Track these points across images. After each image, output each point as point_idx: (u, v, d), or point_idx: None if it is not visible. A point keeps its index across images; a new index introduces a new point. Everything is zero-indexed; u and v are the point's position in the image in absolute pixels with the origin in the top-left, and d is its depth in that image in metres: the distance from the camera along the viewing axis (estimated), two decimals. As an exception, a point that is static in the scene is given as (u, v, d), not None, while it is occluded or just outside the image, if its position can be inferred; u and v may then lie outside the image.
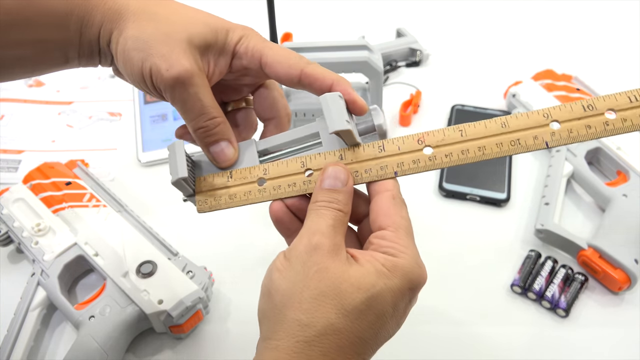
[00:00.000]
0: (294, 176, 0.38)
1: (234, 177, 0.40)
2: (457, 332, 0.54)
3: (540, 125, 0.36)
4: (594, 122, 0.36)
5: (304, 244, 0.34)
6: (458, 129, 0.37)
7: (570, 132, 0.36)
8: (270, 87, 0.42)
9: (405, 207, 0.37)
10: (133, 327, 0.51)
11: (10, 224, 0.58)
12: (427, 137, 0.37)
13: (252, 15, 0.92)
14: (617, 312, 0.55)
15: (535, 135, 0.36)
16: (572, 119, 0.36)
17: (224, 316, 0.56)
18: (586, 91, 0.71)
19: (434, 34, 0.88)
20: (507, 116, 0.37)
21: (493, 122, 0.37)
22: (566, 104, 0.36)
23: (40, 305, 0.53)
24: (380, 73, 0.62)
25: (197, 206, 0.40)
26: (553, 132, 0.36)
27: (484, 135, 0.36)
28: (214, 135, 0.38)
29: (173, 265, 0.54)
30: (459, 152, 0.37)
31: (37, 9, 0.35)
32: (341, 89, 0.38)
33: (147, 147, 0.71)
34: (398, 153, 0.38)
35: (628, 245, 0.56)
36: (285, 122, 0.43)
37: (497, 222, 0.63)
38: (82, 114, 0.77)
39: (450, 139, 0.37)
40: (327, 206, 0.35)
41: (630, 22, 0.90)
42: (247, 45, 0.38)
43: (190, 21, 0.37)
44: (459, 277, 0.58)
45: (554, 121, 0.36)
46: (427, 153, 0.37)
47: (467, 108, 0.75)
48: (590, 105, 0.36)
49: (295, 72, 0.38)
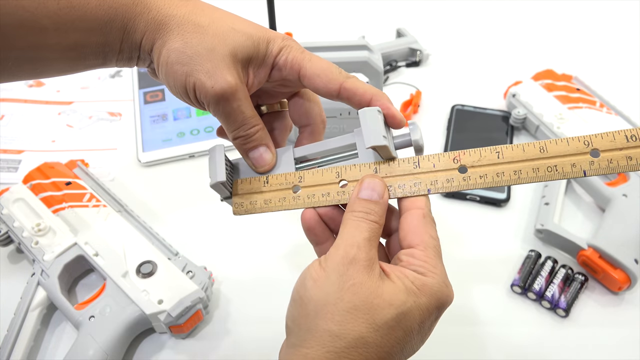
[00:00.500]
0: (329, 186, 0.39)
1: (270, 182, 0.40)
2: (457, 332, 0.54)
3: (580, 153, 0.35)
4: (636, 153, 0.34)
5: (340, 255, 0.34)
6: (495, 150, 0.36)
7: (610, 162, 0.35)
8: (306, 96, 0.43)
9: (435, 226, 0.37)
10: (133, 327, 0.51)
11: (10, 224, 0.58)
12: (463, 156, 0.37)
13: (253, 15, 0.92)
14: (617, 312, 0.55)
15: (573, 162, 0.35)
16: (614, 149, 0.35)
17: (224, 316, 0.56)
18: (586, 91, 0.71)
19: (434, 34, 0.88)
20: (546, 141, 0.36)
21: (531, 146, 0.36)
22: (609, 132, 0.35)
23: (40, 305, 0.53)
24: (380, 73, 0.62)
25: (234, 208, 0.41)
26: (592, 161, 0.35)
27: (521, 159, 0.36)
28: (253, 141, 0.39)
29: (173, 265, 0.54)
30: (494, 174, 0.36)
31: (79, 13, 0.35)
32: (380, 104, 0.38)
33: (147, 147, 0.71)
34: (432, 170, 0.37)
35: (628, 245, 0.56)
36: (320, 130, 0.43)
37: (497, 222, 0.63)
38: (82, 114, 0.77)
39: (487, 160, 0.36)
40: (364, 217, 0.36)
41: (630, 22, 0.90)
42: (287, 57, 0.38)
43: (232, 32, 0.37)
44: (459, 277, 0.58)
45: (595, 149, 0.35)
46: (461, 173, 0.37)
47: (467, 108, 0.75)
48: (634, 136, 0.35)
49: (335, 87, 0.38)
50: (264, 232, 0.63)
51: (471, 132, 0.72)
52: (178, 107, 0.76)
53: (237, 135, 0.39)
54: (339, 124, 0.65)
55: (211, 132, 0.73)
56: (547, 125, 0.68)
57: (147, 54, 0.37)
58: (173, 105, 0.77)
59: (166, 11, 0.37)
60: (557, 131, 0.67)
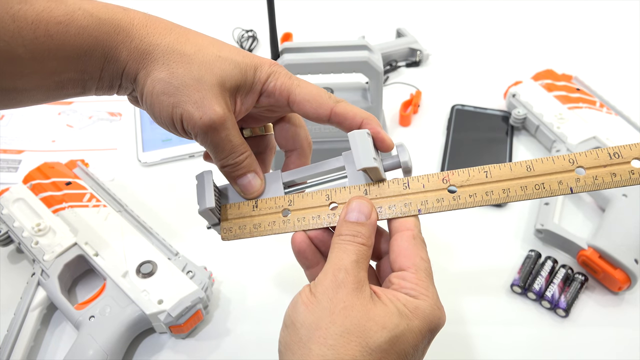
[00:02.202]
0: (319, 209, 0.39)
1: (259, 207, 0.40)
2: (457, 331, 0.54)
3: (566, 171, 0.36)
4: (620, 170, 0.36)
5: (329, 279, 0.34)
6: (483, 170, 0.38)
7: (595, 178, 0.36)
8: (292, 120, 0.43)
9: (425, 248, 0.37)
10: (133, 327, 0.51)
11: (11, 224, 0.58)
12: (452, 176, 0.38)
13: (253, 15, 0.92)
14: (617, 312, 0.55)
15: (560, 180, 0.36)
16: (598, 165, 0.36)
17: (224, 316, 0.56)
18: (586, 91, 0.71)
19: (434, 34, 0.88)
20: (533, 159, 0.37)
21: (519, 165, 0.37)
22: (592, 150, 0.37)
23: (40, 305, 0.53)
24: (380, 73, 0.62)
25: (222, 234, 0.41)
26: (578, 179, 0.36)
27: (509, 178, 0.37)
28: (241, 169, 0.39)
29: (173, 265, 0.54)
30: (483, 193, 0.37)
31: (57, 42, 0.34)
32: (370, 127, 0.38)
33: (147, 147, 0.71)
34: (422, 191, 0.38)
35: (628, 245, 0.56)
36: (307, 153, 0.43)
37: (497, 222, 0.63)
38: (82, 114, 0.77)
39: (475, 179, 0.37)
40: (351, 240, 0.36)
41: (630, 22, 0.90)
42: (276, 84, 0.38)
43: (219, 61, 0.37)
44: (459, 277, 0.58)
45: (580, 167, 0.36)
46: (451, 192, 0.38)
47: (467, 108, 0.75)
48: (617, 153, 0.36)
49: (325, 112, 0.38)
50: (264, 232, 0.63)
51: (471, 132, 0.72)
52: (178, 107, 0.76)
53: (226, 164, 0.39)
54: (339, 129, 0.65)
55: (211, 132, 0.73)
56: (547, 125, 0.68)
57: (130, 82, 0.37)
58: (173, 105, 0.77)
59: (150, 40, 0.36)
60: (557, 131, 0.67)
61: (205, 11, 0.94)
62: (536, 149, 0.70)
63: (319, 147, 0.67)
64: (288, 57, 0.61)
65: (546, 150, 0.69)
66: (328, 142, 0.67)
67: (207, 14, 0.94)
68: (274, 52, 0.61)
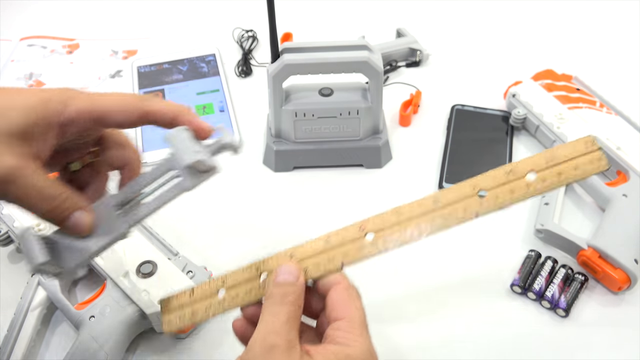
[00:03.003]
0: (250, 283, 0.40)
1: (195, 294, 0.41)
2: (456, 331, 0.54)
3: (469, 197, 0.37)
4: (516, 186, 0.37)
5: (259, 345, 0.34)
6: (395, 211, 0.39)
7: (497, 198, 0.37)
8: (111, 137, 0.41)
9: (360, 297, 0.38)
10: (133, 327, 0.51)
11: (10, 224, 0.58)
12: (368, 223, 0.39)
13: (253, 15, 0.92)
14: (617, 312, 0.55)
15: (465, 207, 0.37)
16: (497, 185, 0.37)
17: (224, 316, 0.55)
18: (586, 91, 0.71)
19: (434, 34, 0.88)
20: (440, 191, 0.38)
21: (426, 200, 0.38)
22: (490, 171, 0.38)
23: (40, 305, 0.53)
24: (380, 73, 0.62)
25: (164, 327, 0.42)
26: (481, 202, 0.37)
27: (418, 214, 0.38)
28: (63, 211, 0.37)
29: (173, 265, 0.54)
30: (399, 234, 0.38)
31: None
32: (185, 120, 0.38)
33: (147, 147, 0.71)
34: (343, 243, 0.39)
35: (628, 245, 0.56)
36: (137, 166, 0.42)
37: (497, 222, 0.63)
38: (82, 114, 0.77)
39: (389, 222, 0.38)
40: (280, 301, 0.36)
41: (630, 22, 0.90)
42: (75, 108, 0.36)
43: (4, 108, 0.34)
44: (459, 277, 0.58)
45: (482, 190, 0.37)
46: (369, 239, 0.38)
47: (467, 108, 0.75)
48: (512, 170, 0.37)
49: (134, 115, 0.37)
50: (264, 232, 0.63)
51: (471, 132, 0.72)
52: (178, 107, 0.76)
53: (43, 212, 0.36)
54: (338, 124, 0.66)
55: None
56: (547, 125, 0.68)
57: None
58: (173, 105, 0.77)
59: None
60: (557, 131, 0.67)
61: (206, 11, 0.94)
62: (536, 149, 0.70)
63: (319, 147, 0.67)
64: (288, 57, 0.61)
65: (546, 150, 0.69)
66: (328, 142, 0.67)
67: (207, 14, 0.94)
68: (274, 52, 0.61)
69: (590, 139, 0.37)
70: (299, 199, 0.66)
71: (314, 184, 0.68)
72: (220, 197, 0.66)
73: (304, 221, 0.64)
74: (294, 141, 0.67)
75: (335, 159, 0.68)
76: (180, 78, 0.81)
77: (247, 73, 0.83)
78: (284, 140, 0.68)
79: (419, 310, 0.56)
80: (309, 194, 0.67)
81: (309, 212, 0.65)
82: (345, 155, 0.68)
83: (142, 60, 0.84)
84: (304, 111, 0.64)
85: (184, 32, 0.90)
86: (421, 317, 0.55)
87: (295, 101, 0.65)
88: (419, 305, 0.57)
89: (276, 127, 0.67)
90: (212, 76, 0.81)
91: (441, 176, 0.67)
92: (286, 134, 0.67)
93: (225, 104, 0.77)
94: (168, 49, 0.86)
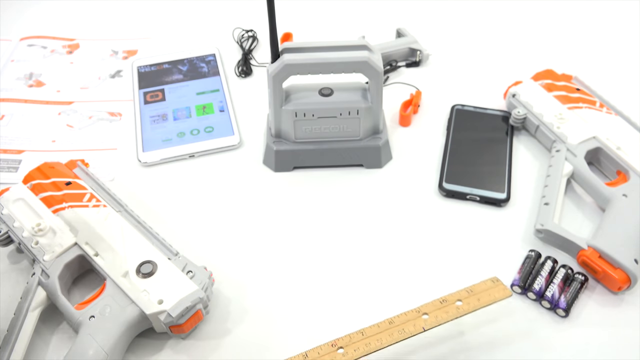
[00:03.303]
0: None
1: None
2: (456, 331, 0.54)
3: (416, 318, 0.50)
4: (449, 309, 0.51)
5: None
6: (360, 332, 0.50)
7: (437, 317, 0.50)
8: None
9: None
10: (133, 327, 0.51)
11: (11, 224, 0.58)
12: (339, 341, 0.49)
13: (253, 15, 0.92)
14: (617, 312, 0.55)
15: (414, 324, 0.50)
16: (435, 309, 0.51)
17: (224, 316, 0.56)
18: (586, 91, 0.71)
19: (434, 34, 0.88)
20: (394, 316, 0.50)
21: (384, 323, 0.50)
22: (432, 301, 0.51)
23: (40, 305, 0.53)
24: (380, 73, 0.62)
25: None
26: (425, 321, 0.50)
27: (378, 332, 0.49)
28: None
29: (173, 265, 0.54)
30: (364, 346, 0.49)
31: None
32: None
33: (147, 147, 0.71)
34: (321, 356, 0.48)
35: (628, 245, 0.56)
36: None
37: (497, 222, 0.63)
38: (82, 114, 0.77)
39: (355, 339, 0.49)
40: None
41: (630, 22, 0.90)
42: None
43: None
44: (459, 277, 0.58)
45: (425, 314, 0.50)
46: (340, 352, 0.49)
47: (467, 108, 0.75)
48: (445, 300, 0.51)
49: None
50: (264, 232, 0.63)
51: (471, 132, 0.72)
52: (178, 107, 0.77)
53: None
54: (338, 124, 0.66)
55: (211, 132, 0.73)
56: (547, 125, 0.68)
57: None
58: (173, 105, 0.77)
59: None
60: (557, 131, 0.67)
61: (206, 11, 0.94)
62: (536, 149, 0.70)
63: (319, 147, 0.67)
64: (288, 57, 0.61)
65: (546, 150, 0.70)
66: (328, 142, 0.67)
67: (207, 14, 0.94)
68: (274, 52, 0.61)
69: (495, 278, 0.53)
70: (299, 199, 0.66)
71: (314, 184, 0.68)
72: (220, 197, 0.66)
73: (304, 221, 0.64)
74: (294, 141, 0.67)
75: (335, 159, 0.68)
76: (180, 78, 0.81)
77: (247, 73, 0.83)
78: (284, 140, 0.68)
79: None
80: (309, 194, 0.67)
81: (309, 212, 0.65)
82: (345, 155, 0.68)
83: (142, 60, 0.84)
84: (304, 111, 0.64)
85: (184, 32, 0.90)
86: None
87: (295, 101, 0.65)
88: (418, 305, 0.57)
89: (276, 127, 0.67)
90: (212, 76, 0.81)
91: (441, 176, 0.67)
92: (286, 134, 0.67)
93: (225, 104, 0.77)
94: (168, 49, 0.86)
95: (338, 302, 0.56)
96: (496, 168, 0.67)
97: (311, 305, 0.56)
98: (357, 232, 0.62)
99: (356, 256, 0.60)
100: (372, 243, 0.61)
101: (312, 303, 0.57)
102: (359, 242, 0.62)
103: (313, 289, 0.58)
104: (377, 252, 0.61)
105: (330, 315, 0.56)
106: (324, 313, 0.56)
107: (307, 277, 0.59)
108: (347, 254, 0.60)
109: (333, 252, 0.61)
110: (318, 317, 0.55)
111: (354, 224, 0.63)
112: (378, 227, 0.63)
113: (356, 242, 0.62)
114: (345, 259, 0.60)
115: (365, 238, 0.62)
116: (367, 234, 0.62)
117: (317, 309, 0.56)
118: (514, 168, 0.68)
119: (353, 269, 0.59)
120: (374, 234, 0.62)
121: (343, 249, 0.61)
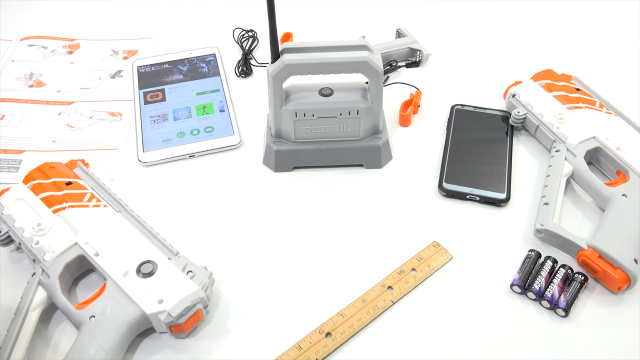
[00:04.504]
0: None
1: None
2: (456, 331, 0.54)
3: (383, 292, 0.56)
4: (409, 277, 0.57)
5: None
6: (340, 314, 0.54)
7: (400, 289, 0.56)
8: None
9: None
10: (133, 327, 0.51)
11: (11, 224, 0.58)
12: (324, 327, 0.53)
13: (253, 15, 0.92)
14: (617, 312, 0.55)
15: (383, 298, 0.55)
16: (397, 281, 0.56)
17: (224, 316, 0.56)
18: (586, 91, 0.71)
19: (434, 34, 0.88)
20: (365, 292, 0.56)
21: (358, 301, 0.55)
22: (393, 272, 0.57)
23: (40, 305, 0.53)
24: (380, 73, 0.62)
25: None
26: (392, 293, 0.56)
27: (357, 311, 0.54)
28: None
29: (173, 265, 0.54)
30: (347, 327, 0.53)
31: None
32: None
33: (148, 147, 0.71)
34: (312, 345, 0.52)
35: (628, 245, 0.56)
36: None
37: (497, 222, 0.63)
38: (83, 114, 0.77)
39: (339, 322, 0.54)
40: None
41: (630, 22, 0.90)
42: None
43: None
44: (459, 277, 0.58)
45: (390, 287, 0.56)
46: (329, 338, 0.52)
47: (467, 108, 0.75)
48: (402, 271, 0.57)
49: None
50: (264, 232, 0.63)
51: (471, 132, 0.72)
52: (178, 107, 0.77)
53: None
54: (338, 124, 0.66)
55: (211, 132, 0.73)
56: (547, 125, 0.68)
57: None
58: (173, 105, 0.77)
59: None
60: (557, 131, 0.67)
61: (206, 11, 0.94)
62: (536, 149, 0.71)
63: (319, 147, 0.67)
64: (288, 57, 0.61)
65: (546, 150, 0.70)
66: (328, 142, 0.67)
67: (207, 14, 0.94)
68: (274, 52, 0.61)
69: (435, 243, 0.60)
70: (299, 199, 0.66)
71: (314, 184, 0.68)
72: (220, 197, 0.66)
73: (304, 221, 0.64)
74: (294, 141, 0.67)
75: (335, 159, 0.68)
76: (181, 78, 0.81)
77: (247, 73, 0.83)
78: (284, 140, 0.68)
79: (418, 310, 0.56)
80: (309, 194, 0.67)
81: (309, 212, 0.65)
82: (345, 155, 0.68)
83: (142, 60, 0.84)
84: (304, 111, 0.64)
85: (184, 32, 0.90)
86: (420, 316, 0.56)
87: (295, 101, 0.65)
88: (418, 304, 0.57)
89: (276, 127, 0.67)
90: (212, 76, 0.82)
91: (441, 176, 0.67)
92: (286, 134, 0.67)
93: (225, 104, 0.77)
94: (168, 49, 0.87)
95: (339, 303, 0.56)
96: (496, 168, 0.67)
97: (312, 306, 0.56)
98: (357, 232, 0.63)
99: (356, 256, 0.60)
100: (372, 243, 0.61)
101: (313, 303, 0.57)
102: (359, 242, 0.62)
103: (313, 289, 0.58)
104: (377, 252, 0.61)
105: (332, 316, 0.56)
106: (326, 313, 0.56)
107: (307, 277, 0.59)
108: (347, 254, 0.61)
109: (333, 252, 0.61)
110: (319, 318, 0.55)
111: (354, 224, 0.63)
112: (378, 227, 0.63)
113: (356, 242, 0.62)
114: (346, 259, 0.60)
115: (365, 238, 0.62)
116: (367, 234, 0.62)
117: (319, 309, 0.56)
118: (513, 168, 0.68)
119: (353, 269, 0.59)
120: (374, 234, 0.62)
121: (343, 249, 0.61)
